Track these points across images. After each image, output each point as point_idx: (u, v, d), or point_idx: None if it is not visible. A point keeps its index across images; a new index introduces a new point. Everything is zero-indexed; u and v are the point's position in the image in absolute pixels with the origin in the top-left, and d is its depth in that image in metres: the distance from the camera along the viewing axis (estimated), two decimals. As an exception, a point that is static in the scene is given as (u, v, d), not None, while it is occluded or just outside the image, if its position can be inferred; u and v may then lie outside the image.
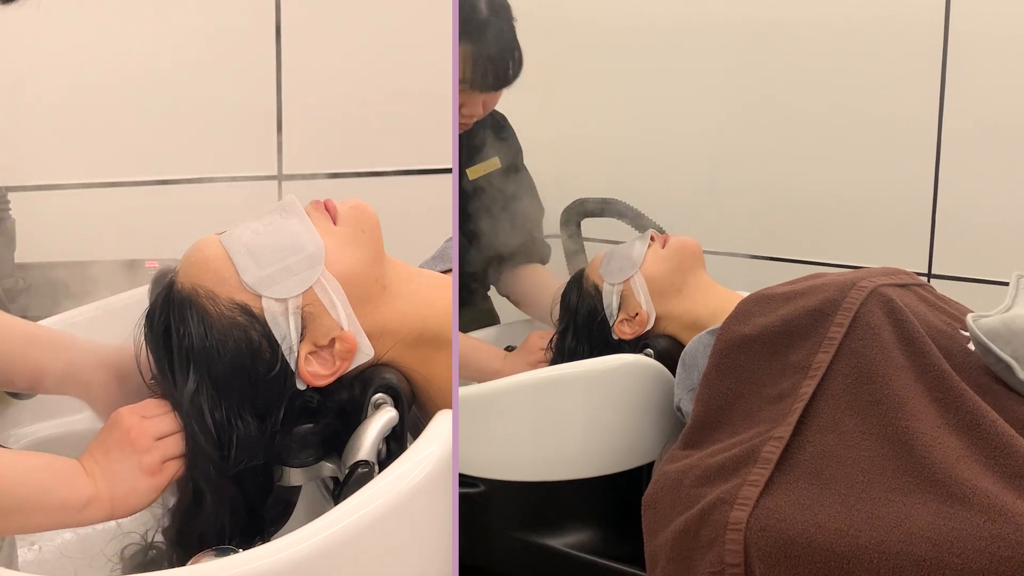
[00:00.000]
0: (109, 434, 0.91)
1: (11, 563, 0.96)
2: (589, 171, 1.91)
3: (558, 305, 1.57)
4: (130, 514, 0.91)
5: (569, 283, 1.57)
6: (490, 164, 1.63)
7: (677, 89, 1.88)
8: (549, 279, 1.70)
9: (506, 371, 1.53)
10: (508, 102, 1.67)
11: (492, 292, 1.76)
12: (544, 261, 1.73)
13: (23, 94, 1.42)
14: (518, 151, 1.70)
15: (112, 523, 0.96)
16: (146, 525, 0.97)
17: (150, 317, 0.96)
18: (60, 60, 1.45)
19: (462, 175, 1.60)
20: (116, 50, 1.48)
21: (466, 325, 1.64)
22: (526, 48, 1.54)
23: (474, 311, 1.71)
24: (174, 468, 0.91)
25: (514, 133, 1.70)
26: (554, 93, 1.95)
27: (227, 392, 0.91)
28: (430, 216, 1.38)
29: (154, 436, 0.90)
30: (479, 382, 1.46)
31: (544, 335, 1.57)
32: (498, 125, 1.67)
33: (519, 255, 1.69)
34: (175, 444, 0.91)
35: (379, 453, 0.93)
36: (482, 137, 1.63)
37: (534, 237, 1.70)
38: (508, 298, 1.74)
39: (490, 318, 1.77)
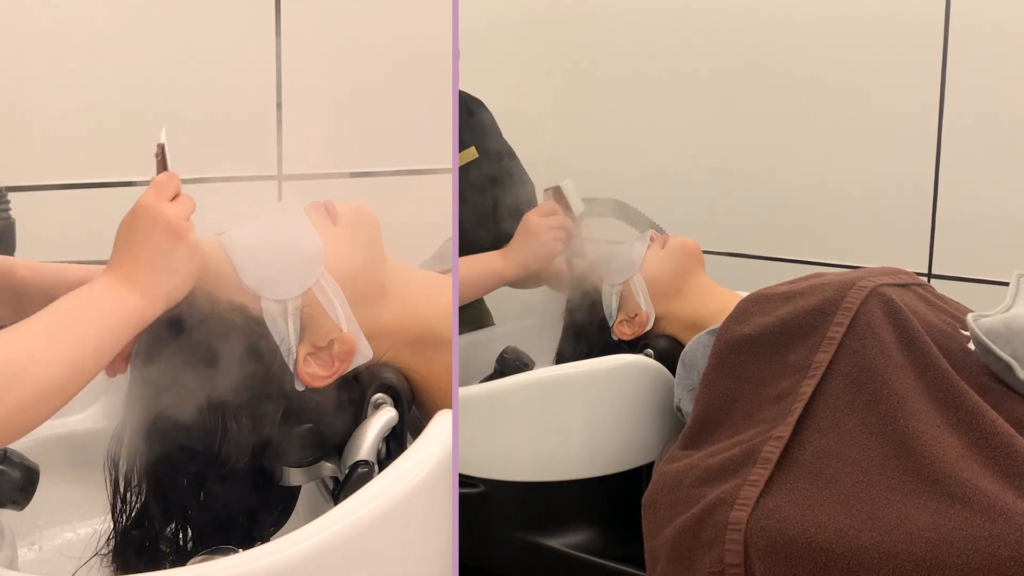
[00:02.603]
0: (147, 234, 0.88)
1: (11, 563, 0.96)
2: (589, 171, 1.91)
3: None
4: (186, 292, 0.91)
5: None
6: (467, 154, 1.62)
7: (677, 89, 1.89)
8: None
9: (510, 269, 1.46)
10: (508, 102, 1.67)
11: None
12: None
13: (23, 94, 1.42)
14: (496, 135, 1.66)
15: (110, 523, 0.96)
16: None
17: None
18: (60, 60, 1.45)
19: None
20: (116, 50, 1.48)
21: (462, 326, 1.63)
22: (527, 48, 1.53)
23: (468, 311, 1.68)
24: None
25: (489, 118, 1.65)
26: (554, 93, 1.95)
27: (225, 393, 0.91)
28: (430, 216, 1.38)
29: (188, 215, 0.90)
30: (485, 292, 1.37)
31: (544, 210, 1.47)
32: (470, 112, 1.65)
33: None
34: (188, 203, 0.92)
35: (379, 453, 0.93)
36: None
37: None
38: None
39: (485, 318, 1.75)
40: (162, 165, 0.94)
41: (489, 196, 1.60)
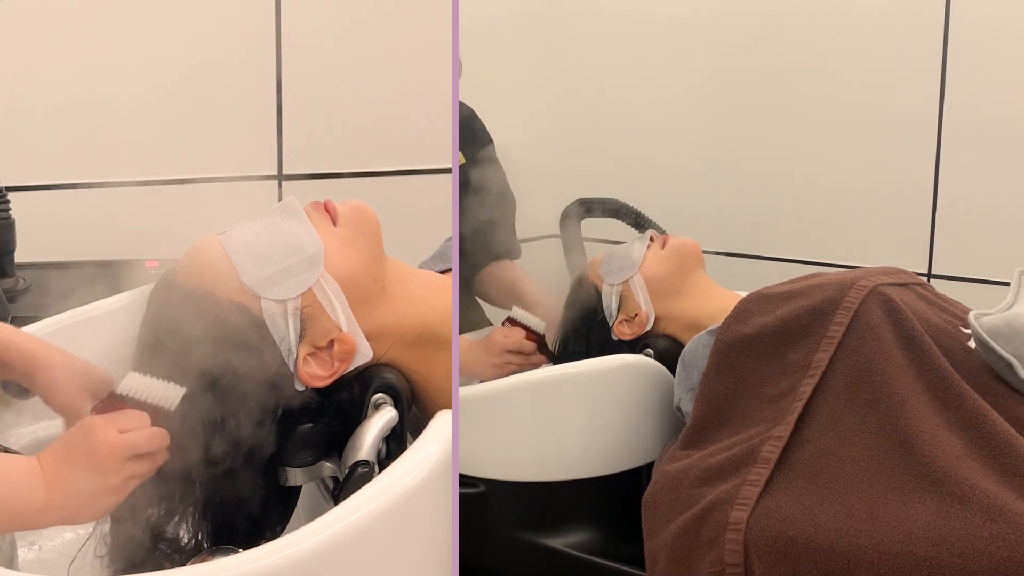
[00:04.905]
0: (78, 446, 0.86)
1: (11, 563, 0.96)
2: (588, 171, 1.91)
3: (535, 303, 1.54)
4: (83, 523, 0.89)
5: (571, 285, 1.57)
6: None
7: (676, 88, 1.89)
8: (519, 274, 1.63)
9: (467, 368, 1.49)
10: (508, 102, 1.67)
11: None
12: (513, 256, 1.66)
13: (23, 94, 1.42)
14: (486, 143, 1.65)
15: (110, 523, 0.96)
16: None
17: (149, 317, 0.96)
18: (60, 60, 1.45)
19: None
20: (116, 50, 1.48)
21: (462, 326, 1.63)
22: (526, 49, 1.53)
23: (467, 312, 1.68)
24: (136, 483, 0.88)
25: (482, 126, 1.65)
26: (553, 93, 1.95)
27: (225, 394, 0.91)
28: (430, 216, 1.39)
29: (126, 456, 0.87)
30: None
31: (509, 332, 1.49)
32: (464, 118, 1.64)
33: (488, 252, 1.63)
34: (146, 464, 0.88)
35: (379, 453, 0.93)
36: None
37: (502, 233, 1.64)
38: (482, 299, 1.67)
39: (484, 319, 1.74)
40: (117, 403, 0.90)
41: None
